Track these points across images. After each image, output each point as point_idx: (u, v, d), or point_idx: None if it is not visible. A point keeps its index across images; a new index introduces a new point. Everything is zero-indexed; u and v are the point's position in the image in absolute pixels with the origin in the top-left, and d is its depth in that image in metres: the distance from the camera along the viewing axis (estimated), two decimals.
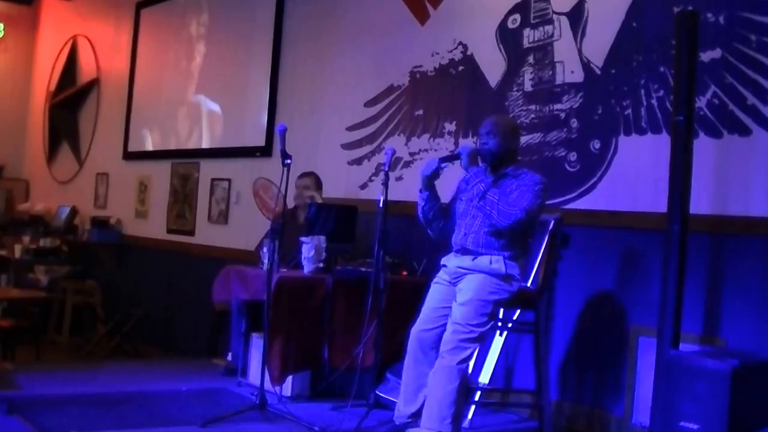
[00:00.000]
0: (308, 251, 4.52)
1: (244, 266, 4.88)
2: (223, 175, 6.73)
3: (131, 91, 8.00)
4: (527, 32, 4.56)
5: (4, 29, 9.77)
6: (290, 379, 4.40)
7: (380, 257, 4.05)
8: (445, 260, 3.76)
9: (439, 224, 3.82)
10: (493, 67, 4.73)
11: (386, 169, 4.07)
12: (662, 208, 3.52)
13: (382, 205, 4.04)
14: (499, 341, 4.19)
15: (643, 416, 3.78)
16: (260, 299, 4.15)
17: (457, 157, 3.74)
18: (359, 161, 5.51)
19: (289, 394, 4.40)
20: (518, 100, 4.58)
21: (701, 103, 3.72)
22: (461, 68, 4.93)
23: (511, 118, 4.43)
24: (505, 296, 3.57)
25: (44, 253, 8.08)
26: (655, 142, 3.92)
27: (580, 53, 4.30)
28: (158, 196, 7.47)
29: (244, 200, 6.46)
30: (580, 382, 4.19)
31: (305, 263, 4.54)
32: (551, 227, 3.96)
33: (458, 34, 4.95)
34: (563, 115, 4.35)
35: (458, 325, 3.46)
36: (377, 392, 4.16)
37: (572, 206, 4.24)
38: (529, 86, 4.54)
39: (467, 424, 3.91)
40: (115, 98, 8.26)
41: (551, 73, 4.43)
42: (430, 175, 3.71)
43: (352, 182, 5.53)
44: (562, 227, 3.99)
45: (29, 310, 6.68)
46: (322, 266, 4.54)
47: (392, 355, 4.29)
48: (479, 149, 3.71)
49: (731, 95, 3.67)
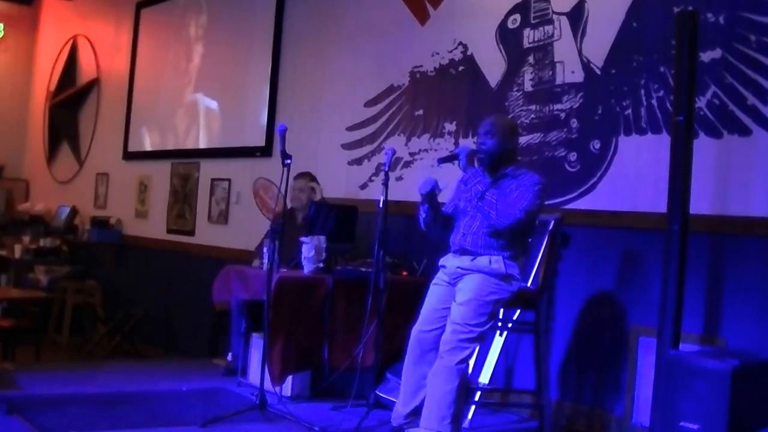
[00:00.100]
0: (308, 251, 4.52)
1: (244, 266, 4.88)
2: (223, 175, 6.73)
3: (131, 91, 8.00)
4: (527, 32, 4.56)
5: (4, 29, 9.77)
6: (290, 379, 4.40)
7: (380, 257, 4.05)
8: (443, 261, 3.76)
9: (440, 232, 3.81)
10: (493, 67, 4.73)
11: (386, 169, 4.07)
12: (662, 208, 3.52)
13: (382, 205, 4.04)
14: (499, 341, 4.19)
15: (643, 416, 3.77)
16: (260, 299, 4.15)
17: (455, 157, 3.74)
18: (359, 161, 5.51)
19: (289, 394, 4.39)
20: (518, 100, 4.58)
21: (701, 103, 3.73)
22: (461, 68, 4.93)
23: (510, 118, 4.43)
24: (504, 296, 3.57)
25: (44, 253, 8.08)
26: (655, 142, 3.92)
27: (580, 53, 4.30)
28: (158, 196, 7.47)
29: (244, 200, 6.46)
30: (580, 382, 4.19)
31: (305, 263, 4.54)
32: (551, 227, 3.96)
33: (458, 34, 4.95)
34: (563, 115, 4.35)
35: (457, 325, 3.46)
36: (377, 392, 4.16)
37: (572, 206, 4.24)
38: (529, 86, 4.54)
39: (467, 424, 3.91)
40: (115, 98, 8.26)
41: (551, 73, 4.43)
42: (426, 194, 3.69)
43: (352, 182, 5.53)
44: (562, 227, 3.99)
45: (29, 310, 6.68)
46: (322, 266, 4.54)
47: (392, 355, 4.29)
48: (477, 149, 3.71)
49: (731, 95, 3.67)
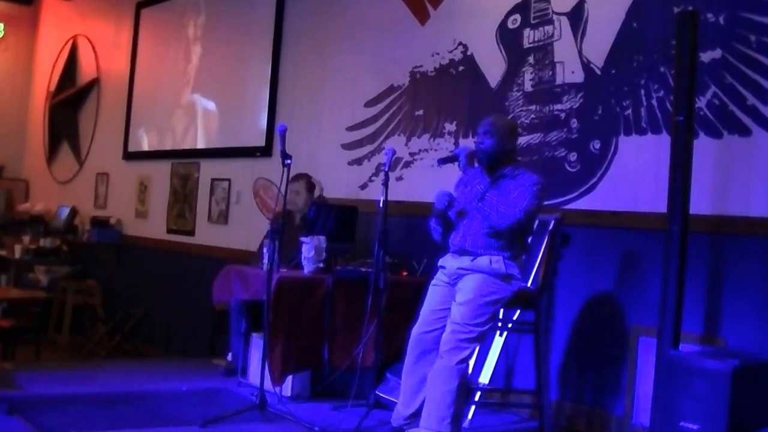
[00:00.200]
0: (308, 251, 4.52)
1: (244, 266, 4.88)
2: (223, 175, 6.73)
3: (131, 91, 8.00)
4: (527, 32, 4.56)
5: (4, 29, 9.77)
6: (290, 379, 4.40)
7: (380, 257, 4.05)
8: (442, 261, 3.75)
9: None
10: (493, 67, 4.73)
11: (386, 169, 4.07)
12: (662, 208, 3.52)
13: (382, 205, 4.04)
14: (499, 341, 4.19)
15: (643, 416, 3.77)
16: (260, 299, 4.15)
17: (455, 158, 3.74)
18: (359, 161, 5.51)
19: (289, 394, 4.39)
20: (518, 100, 4.58)
21: (701, 103, 3.72)
22: (461, 68, 4.93)
23: (509, 118, 4.43)
24: (505, 296, 3.57)
25: (44, 253, 8.08)
26: (655, 142, 3.92)
27: (580, 53, 4.30)
28: (158, 196, 7.47)
29: (244, 200, 6.46)
30: (580, 382, 4.19)
31: (305, 263, 4.53)
32: (551, 227, 3.95)
33: (458, 34, 4.95)
34: (563, 115, 4.35)
35: (457, 325, 3.46)
36: (377, 392, 4.15)
37: (572, 206, 4.24)
38: (529, 86, 4.54)
39: (467, 424, 3.90)
40: (115, 98, 8.26)
41: (551, 73, 4.43)
42: (443, 209, 3.67)
43: (352, 182, 5.52)
44: (562, 227, 3.99)
45: (29, 310, 6.68)
46: (322, 266, 4.54)
47: (392, 355, 4.29)
48: (475, 149, 3.71)
49: (731, 95, 3.67)
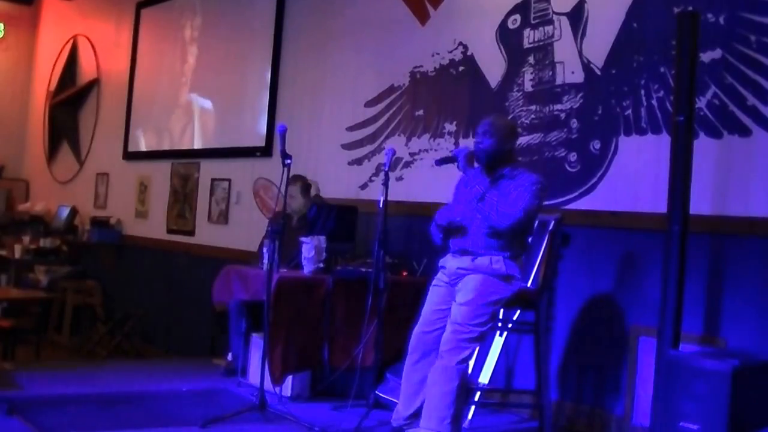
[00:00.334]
0: (308, 251, 4.52)
1: (244, 266, 4.88)
2: (223, 175, 6.73)
3: (131, 91, 8.00)
4: (527, 32, 4.56)
5: (4, 29, 9.78)
6: (290, 379, 4.40)
7: (380, 257, 4.05)
8: (443, 261, 3.75)
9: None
10: (493, 67, 4.73)
11: (386, 169, 4.07)
12: (662, 208, 3.51)
13: (382, 205, 4.04)
14: (499, 341, 4.19)
15: (643, 416, 3.77)
16: (260, 299, 4.15)
17: (453, 159, 3.74)
18: (359, 161, 5.51)
19: (289, 394, 4.39)
20: (518, 100, 4.58)
21: (701, 103, 3.72)
22: (461, 68, 4.93)
23: (508, 119, 4.43)
24: (505, 296, 3.57)
25: (44, 253, 8.08)
26: (655, 142, 3.92)
27: (580, 54, 4.30)
28: (158, 196, 7.47)
29: (244, 200, 6.46)
30: (580, 382, 4.19)
31: (305, 263, 4.53)
32: (551, 227, 3.95)
33: (458, 34, 4.95)
34: (563, 115, 4.35)
35: (458, 325, 3.46)
36: (377, 392, 4.15)
37: (572, 206, 4.24)
38: (529, 87, 4.54)
39: (467, 424, 3.90)
40: (115, 98, 8.26)
41: (551, 73, 4.43)
42: (445, 225, 3.67)
43: (352, 182, 5.52)
44: (562, 227, 3.99)
45: (29, 310, 6.68)
46: (322, 266, 4.54)
47: (392, 355, 4.29)
48: (474, 149, 3.71)
49: (731, 95, 3.67)
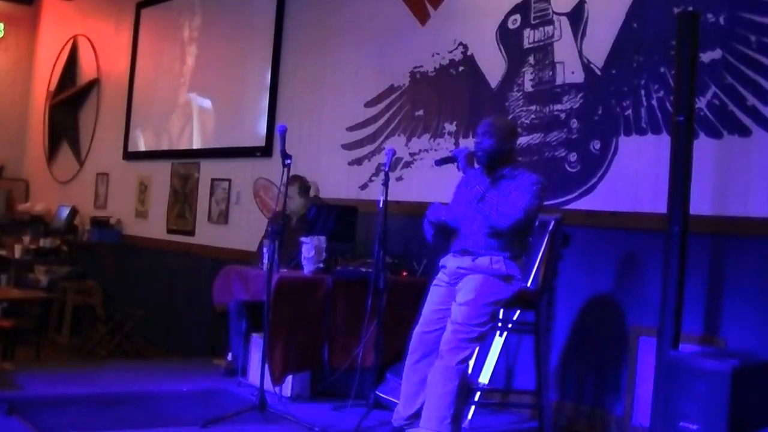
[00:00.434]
0: (308, 251, 4.52)
1: (244, 266, 4.88)
2: (223, 175, 6.73)
3: (131, 91, 8.00)
4: (527, 33, 4.56)
5: (4, 29, 9.78)
6: (290, 379, 4.40)
7: (380, 257, 4.05)
8: (443, 261, 3.76)
9: (442, 241, 3.79)
10: (493, 67, 4.73)
11: (386, 169, 4.07)
12: (662, 208, 3.51)
13: (382, 205, 4.04)
14: (499, 341, 4.19)
15: (643, 416, 3.77)
16: (260, 299, 4.15)
17: (453, 159, 3.74)
18: (359, 161, 5.51)
19: (289, 394, 4.39)
20: (518, 100, 4.58)
21: (701, 103, 3.72)
22: (461, 68, 4.93)
23: (508, 119, 4.43)
24: (505, 296, 3.57)
25: (44, 253, 8.08)
26: (655, 142, 3.92)
27: (580, 54, 4.30)
28: (158, 196, 7.47)
29: (244, 200, 6.46)
30: (580, 382, 4.19)
31: (305, 263, 4.53)
32: (551, 227, 3.95)
33: (458, 34, 4.95)
34: (563, 115, 4.35)
35: (458, 324, 3.46)
36: (377, 392, 4.15)
37: (573, 206, 4.24)
38: (529, 87, 4.54)
39: (467, 424, 3.90)
40: (115, 98, 8.26)
41: (551, 73, 4.43)
42: (436, 221, 3.68)
43: (352, 182, 5.52)
44: (562, 227, 3.99)
45: (29, 310, 6.68)
46: (322, 266, 4.54)
47: (392, 355, 4.29)
48: (474, 149, 3.71)
49: (731, 96, 3.67)
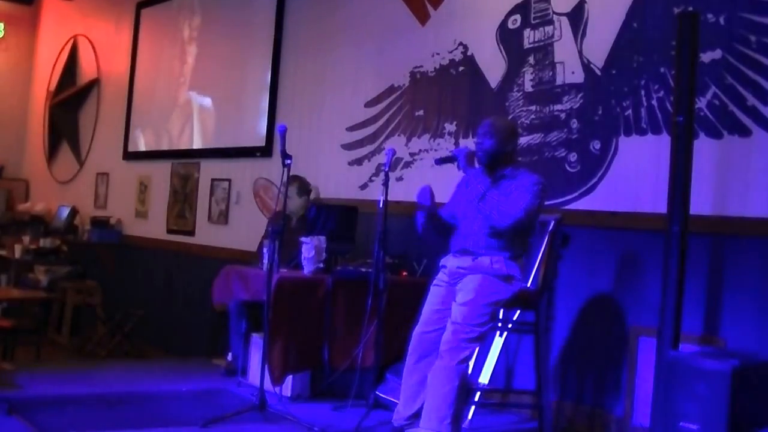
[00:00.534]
0: (308, 251, 4.52)
1: (244, 266, 4.88)
2: (223, 175, 6.73)
3: (131, 91, 8.00)
4: (527, 33, 4.56)
5: (4, 29, 9.77)
6: (290, 379, 4.40)
7: (380, 257, 4.05)
8: (444, 261, 3.76)
9: (435, 236, 3.79)
10: (493, 67, 4.73)
11: (386, 169, 4.07)
12: (662, 208, 3.52)
13: (382, 205, 4.04)
14: (499, 341, 4.19)
15: (643, 416, 3.77)
16: (260, 299, 4.15)
17: (453, 159, 3.74)
18: (359, 161, 5.51)
19: (289, 394, 4.39)
20: (518, 100, 4.58)
21: (701, 103, 3.73)
22: (462, 69, 4.93)
23: (509, 120, 4.43)
24: (505, 296, 3.57)
25: (44, 253, 8.07)
26: (655, 142, 3.92)
27: (580, 54, 4.30)
28: (158, 196, 7.47)
29: (244, 200, 6.46)
30: (580, 382, 4.19)
31: (305, 263, 4.53)
32: (551, 227, 3.96)
33: (458, 34, 4.95)
34: (563, 115, 4.35)
35: (458, 324, 3.46)
36: (377, 392, 4.15)
37: (573, 207, 4.24)
38: (529, 87, 4.54)
39: (467, 424, 3.90)
40: (115, 98, 8.26)
41: (551, 73, 4.43)
42: (427, 206, 3.67)
43: (352, 182, 5.53)
44: (562, 227, 3.99)
45: (29, 310, 6.68)
46: (322, 266, 4.54)
47: (392, 355, 4.29)
48: (475, 149, 3.71)
49: (731, 96, 3.67)
